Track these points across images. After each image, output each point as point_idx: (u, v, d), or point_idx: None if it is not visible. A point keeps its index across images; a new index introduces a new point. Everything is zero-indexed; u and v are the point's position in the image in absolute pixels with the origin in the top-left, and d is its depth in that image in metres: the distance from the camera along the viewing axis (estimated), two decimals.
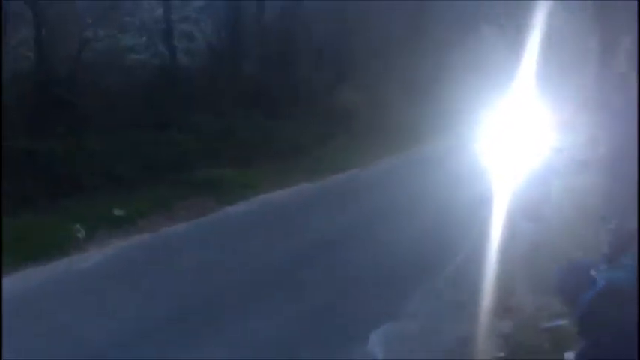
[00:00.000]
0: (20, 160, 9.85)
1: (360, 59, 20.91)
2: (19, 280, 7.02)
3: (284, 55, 19.14)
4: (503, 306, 6.26)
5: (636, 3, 8.74)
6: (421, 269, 7.59)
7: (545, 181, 9.17)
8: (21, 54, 11.96)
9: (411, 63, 22.39)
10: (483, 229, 8.46)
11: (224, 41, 17.86)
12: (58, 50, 12.58)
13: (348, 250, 8.49)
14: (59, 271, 7.47)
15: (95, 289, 6.90)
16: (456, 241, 8.43)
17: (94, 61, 13.28)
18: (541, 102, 10.05)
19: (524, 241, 8.30)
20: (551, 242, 7.63)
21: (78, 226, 8.78)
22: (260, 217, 10.66)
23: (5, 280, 6.95)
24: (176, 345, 5.44)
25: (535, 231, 8.68)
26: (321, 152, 16.24)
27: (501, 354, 5.12)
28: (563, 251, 6.22)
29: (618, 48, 9.27)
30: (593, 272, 3.46)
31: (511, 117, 10.48)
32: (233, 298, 6.62)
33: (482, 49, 20.96)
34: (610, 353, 3.12)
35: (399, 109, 19.56)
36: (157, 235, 9.17)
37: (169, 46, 15.83)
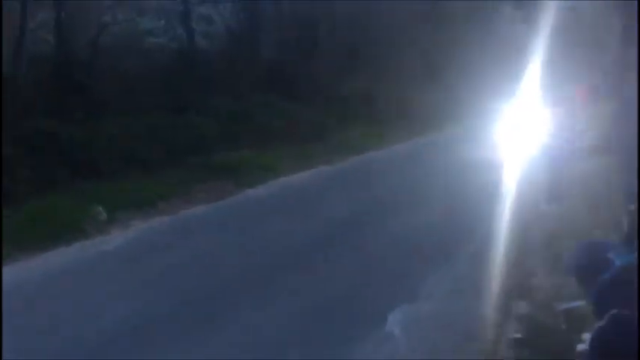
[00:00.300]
0: (40, 142, 9.96)
1: (380, 45, 20.82)
2: (40, 263, 7.13)
3: (303, 39, 19.08)
4: (521, 287, 6.26)
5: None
6: (438, 251, 7.59)
7: (560, 165, 9.17)
8: (40, 37, 12.05)
9: (431, 49, 22.27)
10: (500, 212, 8.46)
11: (243, 24, 17.84)
12: (77, 34, 12.67)
13: (367, 233, 8.51)
14: (81, 254, 7.57)
15: (117, 271, 6.99)
16: (473, 224, 8.42)
17: (112, 45, 13.35)
18: (553, 87, 10.00)
19: (543, 222, 8.29)
20: (570, 223, 7.60)
21: (99, 208, 8.88)
22: (279, 199, 10.72)
23: (27, 262, 7.08)
24: (195, 328, 5.49)
25: (554, 212, 8.66)
26: (339, 135, 16.25)
27: (518, 335, 5.12)
28: (582, 232, 6.19)
29: None
30: (610, 254, 3.45)
31: (522, 104, 10.48)
32: (252, 281, 6.67)
33: (502, 31, 20.78)
34: (626, 335, 3.11)
35: (417, 94, 19.52)
36: (176, 218, 9.25)
37: (188, 29, 15.85)
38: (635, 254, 3.44)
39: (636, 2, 8.54)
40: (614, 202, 6.32)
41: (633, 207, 4.76)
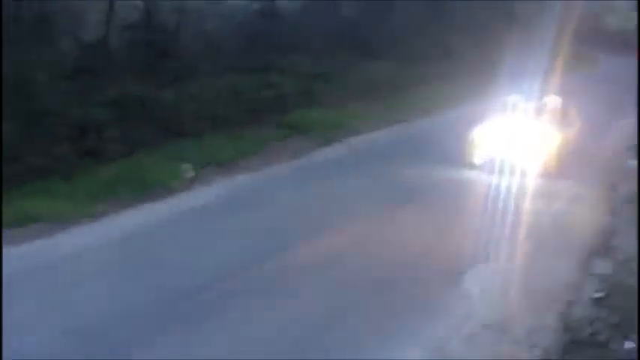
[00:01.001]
0: (130, 105, 10.40)
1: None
2: (132, 217, 7.51)
3: None
4: (604, 247, 6.13)
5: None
6: (521, 210, 7.47)
7: None
8: (131, 4, 12.51)
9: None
10: (584, 172, 8.20)
11: None
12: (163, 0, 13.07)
13: (443, 194, 8.48)
14: (172, 209, 7.89)
15: (208, 224, 7.25)
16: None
17: (196, 8, 13.66)
18: None
19: (630, 180, 8.00)
20: None
21: (187, 165, 9.23)
22: (356, 157, 10.76)
23: (118, 217, 7.48)
24: (281, 279, 5.71)
25: None
26: (417, 93, 16.07)
27: (599, 294, 5.05)
28: None
29: None
30: None
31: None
32: (327, 237, 6.80)
33: None
34: None
35: (496, 50, 18.83)
36: (257, 175, 9.48)
37: None
38: None
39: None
40: None
41: None
